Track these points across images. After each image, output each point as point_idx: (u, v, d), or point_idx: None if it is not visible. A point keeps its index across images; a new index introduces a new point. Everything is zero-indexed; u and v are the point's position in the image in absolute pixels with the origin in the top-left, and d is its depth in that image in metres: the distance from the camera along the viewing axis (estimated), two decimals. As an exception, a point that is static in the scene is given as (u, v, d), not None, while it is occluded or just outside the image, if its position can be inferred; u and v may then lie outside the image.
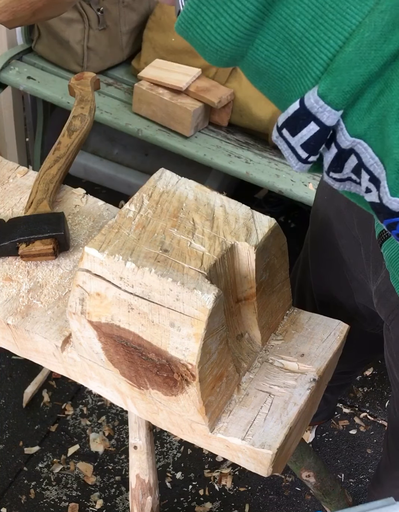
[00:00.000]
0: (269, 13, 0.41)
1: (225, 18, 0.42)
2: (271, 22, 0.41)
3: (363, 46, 0.40)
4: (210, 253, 0.81)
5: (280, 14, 0.41)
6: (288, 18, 0.40)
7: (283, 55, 0.42)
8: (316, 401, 1.02)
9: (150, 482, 1.17)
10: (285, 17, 0.41)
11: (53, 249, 1.02)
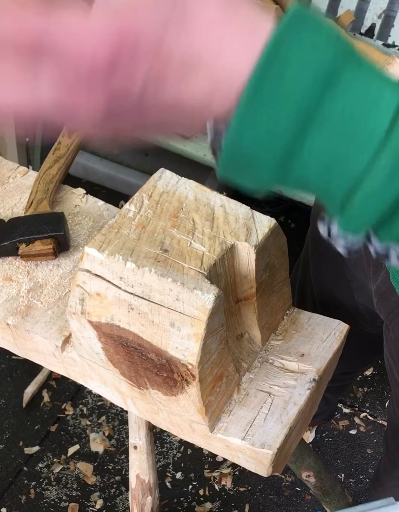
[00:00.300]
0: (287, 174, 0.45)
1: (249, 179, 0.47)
2: (288, 180, 0.46)
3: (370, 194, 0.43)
4: (210, 253, 0.81)
5: (293, 175, 0.45)
6: (301, 178, 0.45)
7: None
8: (316, 401, 1.02)
9: (150, 482, 1.17)
10: (297, 178, 0.45)
11: (53, 249, 1.02)
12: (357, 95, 0.42)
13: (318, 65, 0.42)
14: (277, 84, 0.41)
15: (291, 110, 0.42)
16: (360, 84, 0.43)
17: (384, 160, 0.43)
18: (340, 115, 0.42)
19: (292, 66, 0.41)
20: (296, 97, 0.41)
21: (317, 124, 0.42)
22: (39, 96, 0.44)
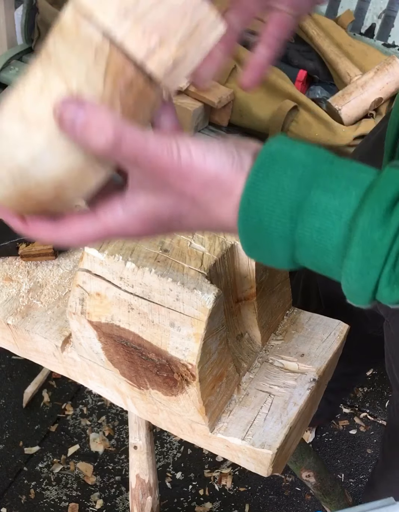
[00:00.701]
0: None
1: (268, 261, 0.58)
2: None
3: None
4: (210, 253, 0.81)
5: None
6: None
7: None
8: (316, 401, 1.02)
9: (150, 482, 1.17)
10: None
11: (53, 249, 1.02)
12: (320, 214, 0.51)
13: (283, 203, 0.52)
14: (258, 224, 0.53)
15: (274, 238, 0.53)
16: (322, 206, 0.51)
17: (347, 267, 0.52)
18: (310, 235, 0.52)
19: (263, 210, 0.52)
20: (274, 229, 0.53)
21: (298, 243, 0.53)
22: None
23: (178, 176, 0.52)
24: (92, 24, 0.47)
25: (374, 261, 0.50)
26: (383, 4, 2.03)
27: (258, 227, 0.53)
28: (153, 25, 0.47)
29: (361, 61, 1.84)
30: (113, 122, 0.49)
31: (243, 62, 1.80)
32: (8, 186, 0.51)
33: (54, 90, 0.49)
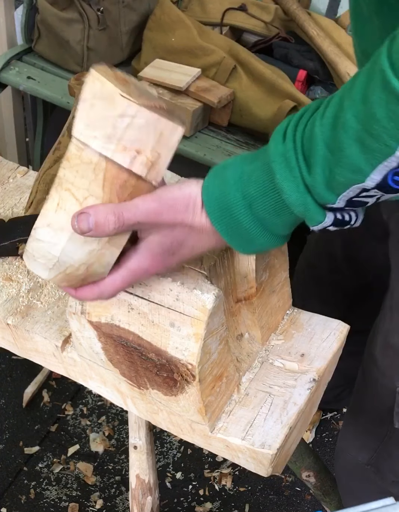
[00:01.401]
0: None
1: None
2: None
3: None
4: (210, 253, 0.81)
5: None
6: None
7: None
8: (316, 401, 1.02)
9: (150, 482, 1.17)
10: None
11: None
12: (255, 173, 0.69)
13: (230, 184, 0.69)
14: (221, 208, 0.70)
15: (235, 211, 0.69)
16: (253, 168, 0.69)
17: (280, 187, 0.68)
18: (254, 190, 0.69)
19: (220, 196, 0.70)
20: (232, 203, 0.69)
21: (252, 200, 0.69)
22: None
23: (166, 212, 0.69)
24: (89, 150, 0.66)
25: (291, 164, 0.64)
26: (383, 4, 2.03)
27: (221, 209, 0.69)
28: (130, 142, 0.65)
29: (361, 61, 1.84)
30: (111, 208, 0.67)
31: (243, 62, 1.80)
32: (56, 273, 0.73)
33: (67, 205, 0.69)
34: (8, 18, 1.96)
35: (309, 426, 1.91)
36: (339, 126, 0.60)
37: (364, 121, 0.58)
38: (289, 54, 1.86)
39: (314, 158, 0.63)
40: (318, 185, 0.64)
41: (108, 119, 0.64)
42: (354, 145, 0.59)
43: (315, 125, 0.63)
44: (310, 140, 0.63)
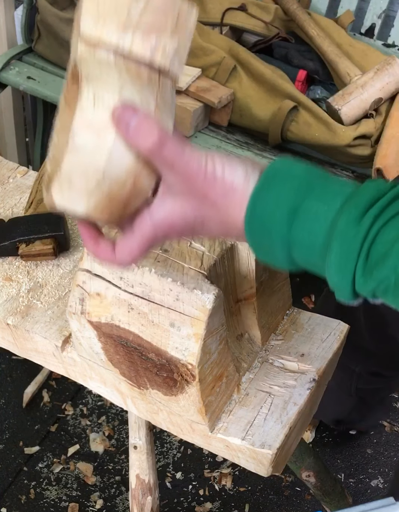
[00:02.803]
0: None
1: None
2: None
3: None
4: (210, 253, 0.81)
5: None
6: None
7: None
8: (316, 401, 1.02)
9: (150, 482, 1.17)
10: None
11: (53, 249, 1.02)
12: (311, 217, 0.61)
13: (282, 208, 0.62)
14: (261, 226, 0.63)
15: (273, 238, 0.63)
16: (313, 211, 0.61)
17: (329, 261, 0.61)
18: (302, 236, 0.62)
19: (266, 214, 0.63)
20: (274, 231, 0.63)
21: (292, 243, 0.63)
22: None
23: (203, 183, 0.63)
24: (103, 48, 0.58)
25: (350, 254, 0.60)
26: (383, 4, 2.03)
27: (261, 229, 0.63)
28: (147, 28, 0.58)
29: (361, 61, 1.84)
30: (159, 129, 0.61)
31: (243, 62, 1.80)
32: (97, 194, 0.62)
33: (105, 101, 0.60)
34: (8, 18, 1.96)
35: (309, 426, 1.91)
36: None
37: None
38: (289, 54, 1.86)
39: (377, 269, 0.59)
40: (365, 291, 0.61)
41: (122, 5, 0.57)
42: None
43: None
44: (384, 253, 0.59)
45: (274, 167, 0.64)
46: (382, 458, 1.91)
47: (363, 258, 0.59)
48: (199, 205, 0.65)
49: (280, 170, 0.64)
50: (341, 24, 1.94)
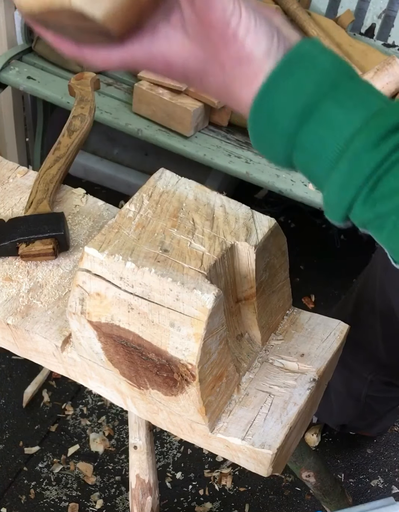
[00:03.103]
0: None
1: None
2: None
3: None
4: (210, 253, 0.81)
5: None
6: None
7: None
8: (316, 401, 1.02)
9: (150, 482, 1.18)
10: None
11: (53, 249, 1.02)
12: (326, 124, 0.55)
13: (297, 103, 0.55)
14: (268, 116, 0.57)
15: (278, 133, 0.57)
16: (329, 117, 0.55)
17: (332, 178, 0.56)
18: (311, 140, 0.56)
19: (277, 105, 0.56)
20: (281, 126, 0.56)
21: (298, 145, 0.57)
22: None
23: (220, 38, 0.56)
24: None
25: (356, 179, 0.54)
26: (383, 4, 2.03)
27: (267, 119, 0.57)
28: None
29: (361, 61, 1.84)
30: None
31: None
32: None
33: None
34: (8, 18, 1.96)
35: (315, 430, 1.91)
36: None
37: None
38: (289, 54, 1.86)
39: (381, 203, 0.55)
40: (358, 219, 0.57)
41: None
42: None
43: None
44: (394, 188, 0.54)
45: (300, 50, 0.57)
46: (382, 458, 1.91)
47: (370, 186, 0.54)
48: (206, 59, 0.58)
49: (305, 55, 0.56)
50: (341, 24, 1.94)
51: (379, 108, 0.55)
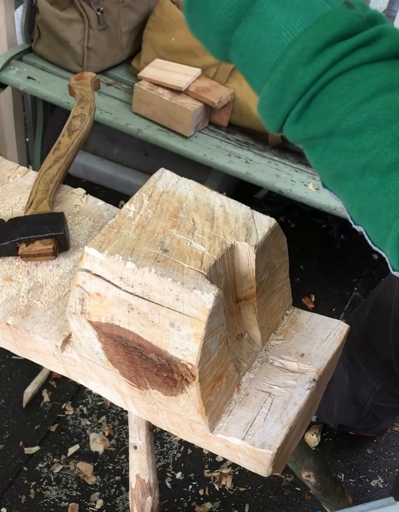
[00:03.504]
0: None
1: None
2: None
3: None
4: (210, 253, 0.81)
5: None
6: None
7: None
8: (316, 401, 1.02)
9: (150, 482, 1.18)
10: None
11: (53, 249, 1.02)
12: (263, 25, 0.49)
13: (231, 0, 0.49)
14: (203, 6, 0.51)
15: (213, 28, 0.52)
16: (268, 17, 0.49)
17: (265, 89, 0.51)
18: (247, 41, 0.50)
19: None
20: (216, 20, 0.52)
21: (234, 44, 0.52)
22: None
23: None
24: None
25: (289, 95, 0.50)
26: (383, 4, 2.03)
27: (202, 9, 0.52)
28: None
29: (361, 61, 1.84)
30: None
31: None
32: None
33: None
34: (8, 18, 1.96)
35: (315, 430, 1.91)
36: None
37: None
38: (289, 54, 1.86)
39: (312, 125, 0.51)
40: (290, 136, 0.53)
41: None
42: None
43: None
44: (327, 109, 0.50)
45: None
46: (382, 458, 1.91)
47: (302, 104, 0.50)
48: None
49: None
50: (341, 24, 1.94)
51: (323, 12, 0.49)
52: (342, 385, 1.58)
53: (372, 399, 1.56)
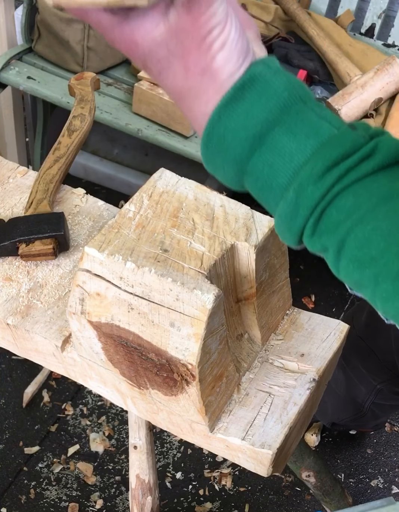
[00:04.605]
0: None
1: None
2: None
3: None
4: (210, 253, 0.81)
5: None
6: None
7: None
8: (316, 401, 1.02)
9: (150, 482, 1.17)
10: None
11: (53, 249, 1.02)
12: (277, 152, 0.55)
13: (249, 130, 0.55)
14: (220, 140, 0.56)
15: (230, 158, 0.57)
16: (280, 145, 0.55)
17: (281, 208, 0.56)
18: (262, 168, 0.56)
19: (229, 130, 0.56)
20: (233, 151, 0.56)
21: (249, 172, 0.57)
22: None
23: (196, 40, 0.54)
24: None
25: (302, 210, 0.55)
26: (383, 4, 2.03)
27: (219, 143, 0.57)
28: None
29: (361, 61, 1.84)
30: None
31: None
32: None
33: None
34: (8, 18, 1.96)
35: (315, 430, 1.91)
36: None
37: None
38: (289, 54, 1.86)
39: (326, 236, 0.56)
40: (310, 248, 0.58)
41: None
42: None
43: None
44: (337, 221, 0.55)
45: (254, 72, 0.55)
46: (382, 458, 1.91)
47: (315, 217, 0.55)
48: (174, 53, 0.55)
49: (257, 78, 0.55)
50: (341, 24, 1.94)
51: (329, 136, 0.55)
52: (336, 384, 1.58)
53: (373, 397, 1.56)
